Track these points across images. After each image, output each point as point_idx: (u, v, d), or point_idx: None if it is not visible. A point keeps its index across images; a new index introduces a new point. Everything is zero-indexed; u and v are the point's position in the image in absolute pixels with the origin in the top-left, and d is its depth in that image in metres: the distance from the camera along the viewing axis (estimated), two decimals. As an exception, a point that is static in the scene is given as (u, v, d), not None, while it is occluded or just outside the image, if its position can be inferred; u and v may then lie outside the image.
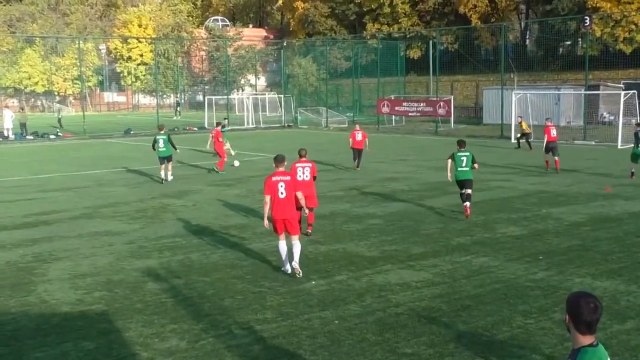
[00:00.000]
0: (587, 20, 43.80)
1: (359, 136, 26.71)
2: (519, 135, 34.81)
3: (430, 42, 60.23)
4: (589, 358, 4.37)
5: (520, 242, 14.06)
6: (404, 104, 50.44)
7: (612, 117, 44.95)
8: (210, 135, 28.61)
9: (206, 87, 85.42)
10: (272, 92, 69.65)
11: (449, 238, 14.49)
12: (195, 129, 51.14)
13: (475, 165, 17.09)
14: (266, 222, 12.03)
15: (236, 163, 27.83)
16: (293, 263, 11.82)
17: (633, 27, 57.26)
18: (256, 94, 65.73)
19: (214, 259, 13.00)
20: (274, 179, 11.85)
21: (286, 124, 55.14)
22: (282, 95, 60.29)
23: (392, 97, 55.52)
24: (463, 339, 8.72)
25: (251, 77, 79.84)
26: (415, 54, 71.79)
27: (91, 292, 11.05)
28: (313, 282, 11.32)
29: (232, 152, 30.91)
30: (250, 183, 23.14)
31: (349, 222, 16.43)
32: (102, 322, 9.63)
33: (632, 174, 22.73)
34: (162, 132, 24.32)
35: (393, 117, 53.65)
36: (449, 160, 17.55)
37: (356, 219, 16.73)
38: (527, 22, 73.79)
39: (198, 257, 13.22)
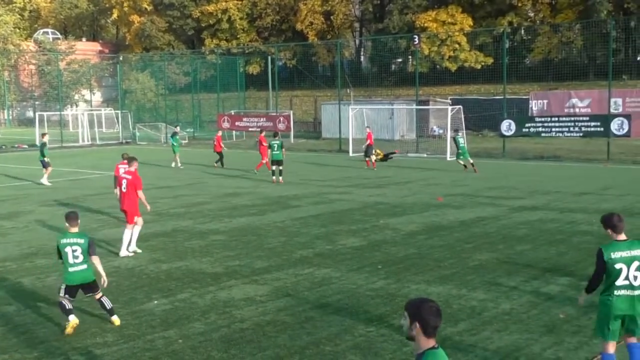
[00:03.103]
0: (416, 39, 46.14)
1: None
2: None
3: (269, 57, 60.93)
4: (436, 359, 4.53)
5: (360, 252, 14.48)
6: (244, 119, 50.65)
7: (441, 131, 47.46)
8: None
9: (37, 102, 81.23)
10: (109, 108, 67.55)
11: (292, 251, 14.66)
12: (26, 146, 48.49)
13: (284, 151, 26.69)
14: None
15: None
16: (131, 246, 14.56)
17: (457, 46, 61.03)
18: (91, 110, 63.44)
19: (49, 283, 12.34)
20: (121, 172, 15.25)
21: (124, 141, 53.62)
22: (119, 111, 58.58)
23: (232, 112, 55.54)
24: (307, 351, 8.84)
25: (86, 93, 76.92)
26: (254, 69, 72.31)
27: None
28: (155, 302, 11.04)
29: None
30: (88, 202, 22.24)
31: (191, 238, 16.21)
32: None
33: (465, 166, 29.11)
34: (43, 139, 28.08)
35: (234, 132, 53.65)
36: (269, 150, 26.96)
37: (198, 236, 16.54)
38: (361, 40, 76.54)
39: (31, 281, 12.51)
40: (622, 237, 6.89)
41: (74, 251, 9.74)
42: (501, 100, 40.87)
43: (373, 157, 31.45)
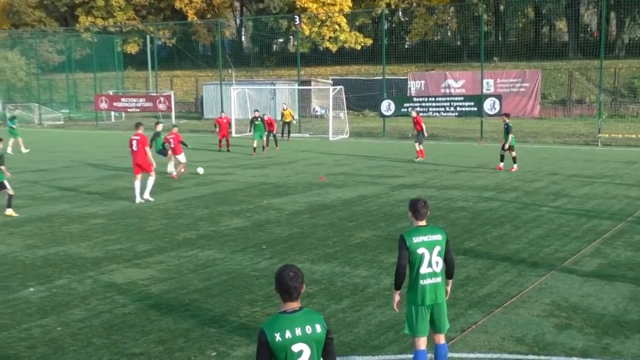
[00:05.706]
0: (297, 19, 46.28)
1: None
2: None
3: (148, 36, 59.43)
4: (270, 323, 4.62)
5: (244, 233, 14.46)
6: (123, 99, 49.24)
7: (323, 111, 47.96)
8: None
9: None
10: (-25, 88, 63.96)
11: (175, 233, 14.46)
12: None
13: None
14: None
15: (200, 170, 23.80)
16: (145, 194, 17.96)
17: (337, 27, 61.65)
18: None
19: None
20: (131, 137, 18.05)
21: (-7, 122, 50.95)
22: (-14, 92, 55.59)
23: (111, 92, 53.89)
24: (192, 333, 8.77)
25: (-52, 71, 72.34)
26: (132, 48, 70.36)
27: None
28: (31, 289, 10.61)
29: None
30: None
31: (69, 223, 15.65)
32: None
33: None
34: None
35: (112, 113, 52.10)
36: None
37: (77, 220, 16.00)
38: (242, 19, 75.90)
39: None
40: (423, 223, 6.93)
41: None
42: (381, 81, 41.72)
43: (419, 147, 27.06)
